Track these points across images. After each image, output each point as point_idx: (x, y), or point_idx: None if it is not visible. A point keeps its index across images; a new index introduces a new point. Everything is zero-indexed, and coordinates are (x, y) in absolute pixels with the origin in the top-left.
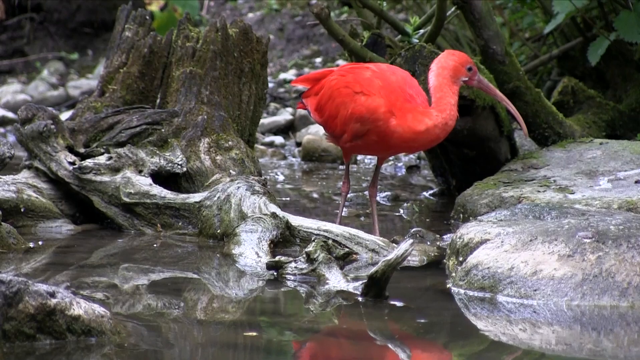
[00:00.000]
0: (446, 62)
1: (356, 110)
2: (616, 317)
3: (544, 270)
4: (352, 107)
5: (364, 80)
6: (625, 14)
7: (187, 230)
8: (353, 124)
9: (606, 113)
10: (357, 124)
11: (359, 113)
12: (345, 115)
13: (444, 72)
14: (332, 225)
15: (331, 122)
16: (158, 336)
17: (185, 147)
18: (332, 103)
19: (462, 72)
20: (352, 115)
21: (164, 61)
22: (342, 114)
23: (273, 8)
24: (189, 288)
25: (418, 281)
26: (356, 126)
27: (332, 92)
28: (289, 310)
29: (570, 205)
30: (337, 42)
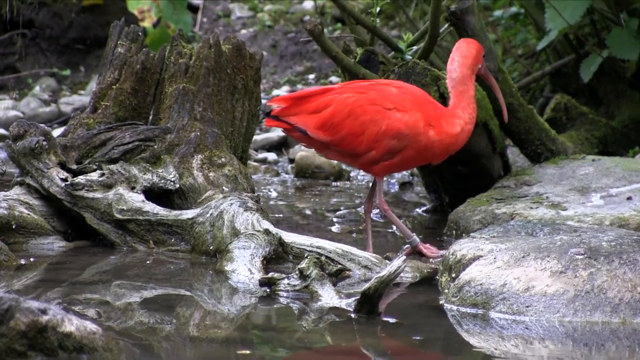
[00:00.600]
0: (468, 50)
1: (392, 126)
2: (608, 333)
3: (537, 286)
4: (386, 124)
5: (393, 96)
6: (618, 30)
7: (179, 246)
8: (388, 140)
9: (599, 130)
10: (392, 140)
11: (396, 129)
12: (376, 133)
13: (467, 62)
14: (325, 242)
15: (352, 140)
16: (150, 353)
17: (178, 164)
18: (354, 120)
19: (479, 60)
20: (387, 132)
21: (157, 77)
22: (371, 131)
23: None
24: (181, 305)
25: (411, 298)
26: (391, 143)
27: (352, 109)
28: (281, 326)
29: (562, 222)
30: (331, 59)
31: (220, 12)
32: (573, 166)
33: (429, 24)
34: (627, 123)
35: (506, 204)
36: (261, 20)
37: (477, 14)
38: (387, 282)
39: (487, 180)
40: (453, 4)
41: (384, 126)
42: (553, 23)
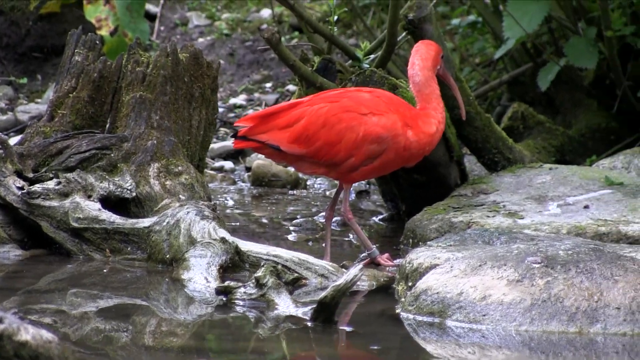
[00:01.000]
0: (428, 52)
1: (370, 131)
2: (564, 343)
3: (493, 295)
4: (363, 130)
5: (367, 101)
6: (575, 39)
7: (136, 255)
8: (367, 145)
9: (556, 138)
10: (372, 145)
11: (374, 134)
12: (354, 139)
13: (428, 64)
14: (282, 250)
15: (329, 150)
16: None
17: (135, 172)
18: (330, 130)
19: (438, 61)
20: (365, 137)
21: (114, 86)
22: (348, 139)
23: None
24: (137, 313)
25: (367, 306)
26: (371, 147)
27: (326, 119)
28: (238, 335)
29: (519, 231)
30: (288, 67)
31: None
32: (530, 175)
33: (387, 33)
34: (584, 132)
35: (463, 213)
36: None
37: (434, 22)
38: (343, 291)
39: (444, 189)
40: (411, 13)
41: (362, 132)
42: (511, 31)
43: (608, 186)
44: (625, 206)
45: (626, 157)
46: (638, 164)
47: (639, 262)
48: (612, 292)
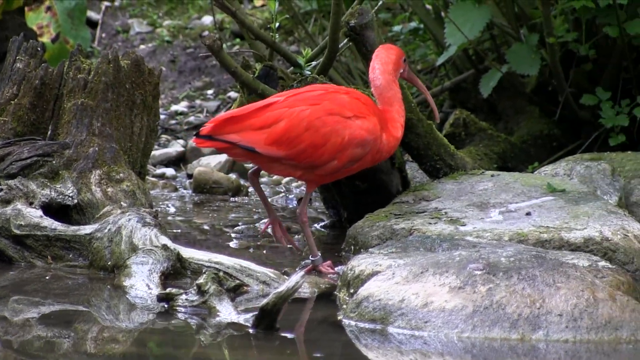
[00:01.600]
0: (388, 56)
1: (356, 135)
2: (506, 349)
3: (435, 302)
4: (349, 133)
5: (348, 104)
6: (517, 46)
7: (78, 262)
8: (352, 149)
9: (498, 145)
10: (357, 148)
11: (359, 137)
12: (340, 143)
13: (389, 68)
14: (223, 257)
15: (312, 152)
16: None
17: (77, 179)
18: (315, 133)
19: (400, 65)
20: (351, 141)
21: (56, 93)
22: (334, 142)
23: (165, 40)
24: (79, 320)
25: (309, 313)
26: (356, 151)
27: (310, 122)
28: (179, 342)
29: (461, 237)
30: (230, 74)
31: (119, 28)
32: (472, 182)
33: (328, 40)
34: (526, 138)
35: (405, 220)
36: (160, 35)
37: (376, 29)
38: (285, 298)
39: (385, 196)
40: (352, 20)
41: (347, 135)
42: (452, 38)
43: (550, 193)
44: (567, 213)
45: (568, 164)
46: (580, 170)
47: (581, 269)
48: (554, 299)
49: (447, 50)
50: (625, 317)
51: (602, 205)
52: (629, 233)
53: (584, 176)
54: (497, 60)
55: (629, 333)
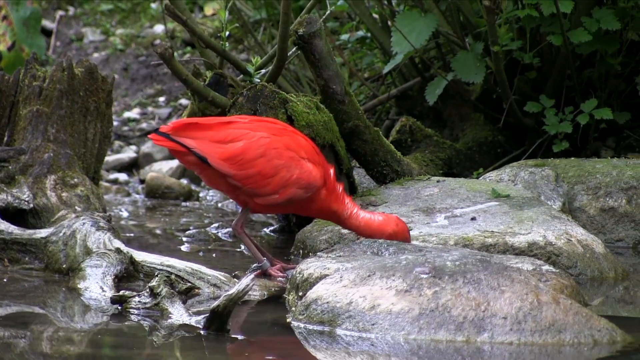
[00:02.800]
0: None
1: (304, 176)
2: (452, 351)
3: (382, 304)
4: (297, 173)
5: (305, 146)
6: (463, 54)
7: (33, 265)
8: (296, 189)
9: (443, 151)
10: (300, 190)
11: (306, 180)
12: (287, 179)
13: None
14: (175, 261)
15: (259, 179)
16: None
17: (32, 184)
18: (268, 162)
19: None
20: (298, 180)
21: (12, 100)
22: (282, 176)
23: (118, 48)
24: (35, 322)
25: (259, 315)
26: (298, 192)
27: (266, 150)
28: (132, 343)
29: None
30: (181, 82)
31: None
32: (418, 187)
33: (277, 48)
34: (471, 145)
35: None
36: (113, 43)
37: (324, 37)
38: (235, 300)
39: None
40: (301, 28)
41: (296, 174)
42: (399, 47)
43: (495, 198)
44: (511, 218)
45: (512, 170)
46: (524, 176)
47: (525, 272)
48: (499, 302)
49: (394, 59)
50: (568, 320)
51: (546, 210)
52: (572, 237)
53: (528, 182)
54: (443, 68)
55: (572, 335)
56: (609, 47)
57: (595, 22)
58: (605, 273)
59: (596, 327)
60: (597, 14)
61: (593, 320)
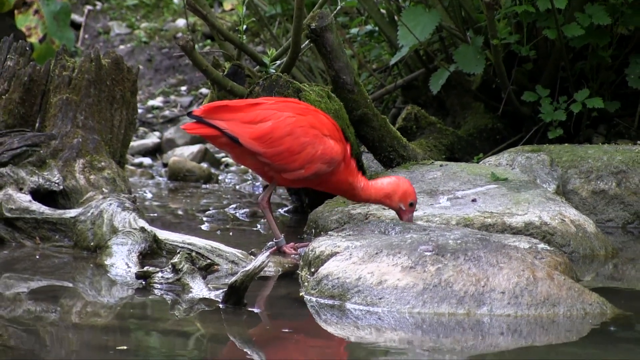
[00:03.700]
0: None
1: (327, 152)
2: (454, 324)
3: (389, 280)
4: (322, 149)
5: (327, 124)
6: (464, 47)
7: (63, 242)
8: (320, 164)
9: (446, 138)
10: (324, 165)
11: (329, 155)
12: (312, 154)
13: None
14: (196, 239)
15: (288, 156)
16: (37, 339)
17: (62, 167)
18: (295, 139)
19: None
20: (322, 156)
21: (43, 88)
22: (308, 152)
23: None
24: (65, 295)
25: (274, 290)
26: (322, 166)
27: (293, 128)
28: (156, 315)
29: (413, 222)
30: (201, 72)
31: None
32: (422, 171)
33: (291, 41)
34: (472, 132)
35: (361, 206)
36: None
37: (335, 31)
38: (252, 276)
39: None
40: (313, 23)
41: (320, 150)
42: (405, 40)
43: (494, 181)
44: (509, 200)
45: (510, 155)
46: (521, 161)
47: (522, 250)
48: (497, 278)
49: (400, 51)
50: (562, 294)
51: (542, 192)
52: (565, 218)
53: (524, 166)
54: (446, 60)
55: (565, 309)
56: (600, 41)
57: (587, 17)
58: (596, 251)
59: (587, 301)
60: (589, 9)
61: (585, 295)
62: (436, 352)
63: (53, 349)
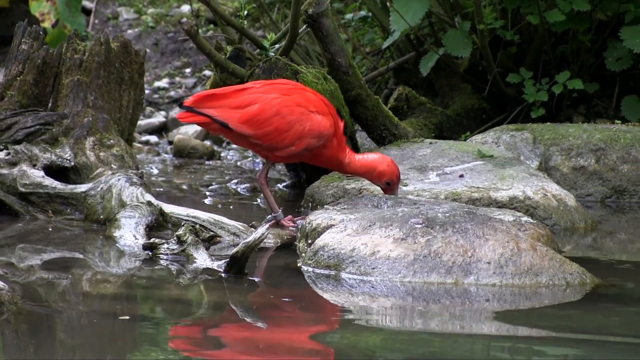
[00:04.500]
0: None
1: (315, 127)
2: (442, 292)
3: (381, 251)
4: (309, 125)
5: (313, 100)
6: (452, 32)
7: (74, 216)
8: (310, 139)
9: (435, 117)
10: (314, 139)
11: (317, 130)
12: (300, 131)
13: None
14: (199, 212)
15: (277, 135)
16: (49, 305)
17: (73, 145)
18: (282, 119)
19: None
20: (310, 131)
21: (55, 70)
22: (296, 130)
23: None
24: (76, 265)
25: (273, 260)
26: (312, 141)
27: (279, 109)
28: (161, 284)
29: (404, 196)
30: (205, 55)
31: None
32: (413, 148)
33: (289, 26)
34: (460, 111)
35: (355, 181)
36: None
37: (331, 17)
38: (252, 247)
39: None
40: (310, 9)
41: (308, 126)
42: (396, 25)
43: (480, 158)
44: (495, 175)
45: (496, 133)
46: (506, 139)
47: (506, 223)
48: (483, 249)
49: (392, 35)
50: (544, 264)
51: (525, 168)
52: (547, 193)
53: (509, 144)
54: (435, 44)
55: (547, 278)
56: (580, 26)
57: (568, 4)
58: (576, 224)
59: (568, 271)
60: None
61: (566, 265)
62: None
63: (65, 315)
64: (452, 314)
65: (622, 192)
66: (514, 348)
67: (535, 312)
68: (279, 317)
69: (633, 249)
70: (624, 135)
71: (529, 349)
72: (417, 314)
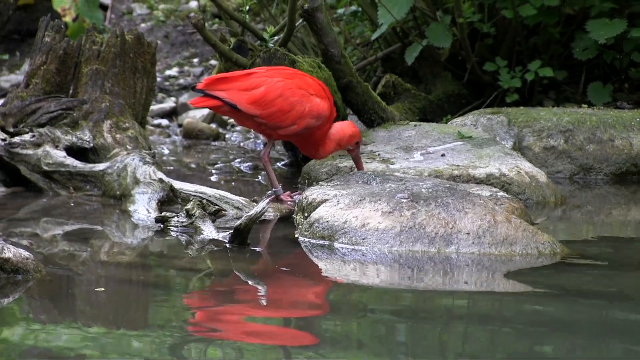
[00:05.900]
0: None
1: (314, 108)
2: (426, 259)
3: (371, 223)
4: (309, 106)
5: (313, 85)
6: (434, 25)
7: (93, 192)
8: (309, 119)
9: (419, 102)
10: (313, 119)
11: (316, 111)
12: (301, 112)
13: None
14: (206, 188)
15: (280, 115)
16: (70, 272)
17: (92, 128)
18: (285, 100)
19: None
20: (310, 112)
21: (76, 60)
22: (297, 110)
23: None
24: (94, 237)
25: (273, 232)
26: (311, 121)
27: (282, 91)
28: (172, 254)
29: (391, 173)
30: (210, 46)
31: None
32: (399, 130)
33: (287, 20)
34: (441, 97)
35: (347, 159)
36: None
37: (324, 11)
38: (254, 220)
39: None
40: (306, 4)
41: (307, 107)
42: (384, 18)
43: (460, 139)
44: (473, 155)
45: (474, 117)
46: (483, 121)
47: (484, 197)
48: (463, 221)
49: (380, 28)
50: (518, 235)
51: (500, 148)
52: (521, 170)
53: (486, 126)
54: (419, 36)
55: (521, 247)
56: (550, 20)
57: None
58: (547, 198)
59: (540, 241)
60: None
61: (538, 236)
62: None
63: (85, 282)
64: (434, 275)
65: (589, 169)
66: (494, 300)
67: (511, 273)
68: (280, 280)
69: (598, 221)
70: (590, 118)
71: (508, 302)
72: (403, 276)
